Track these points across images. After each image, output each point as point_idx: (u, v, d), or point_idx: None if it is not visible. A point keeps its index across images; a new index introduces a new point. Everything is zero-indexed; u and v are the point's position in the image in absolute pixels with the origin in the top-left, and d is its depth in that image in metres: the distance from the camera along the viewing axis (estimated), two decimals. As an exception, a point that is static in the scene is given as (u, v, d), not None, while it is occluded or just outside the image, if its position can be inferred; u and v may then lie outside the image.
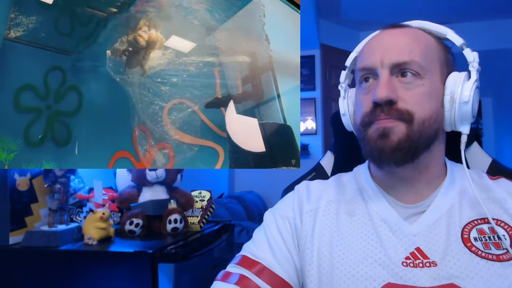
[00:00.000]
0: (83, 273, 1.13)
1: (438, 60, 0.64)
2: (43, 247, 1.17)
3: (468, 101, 0.62)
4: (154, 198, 1.46)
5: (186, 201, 1.53)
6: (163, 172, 1.47)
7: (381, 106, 0.61)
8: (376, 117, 0.61)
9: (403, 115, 0.60)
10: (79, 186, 1.50)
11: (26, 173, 1.25)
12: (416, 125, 0.60)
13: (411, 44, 0.63)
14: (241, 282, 0.62)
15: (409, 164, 0.62)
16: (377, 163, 0.64)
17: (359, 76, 0.67)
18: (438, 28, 0.67)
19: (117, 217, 1.49)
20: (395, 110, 0.60)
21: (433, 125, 0.62)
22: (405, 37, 0.64)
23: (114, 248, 1.19)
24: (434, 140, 0.64)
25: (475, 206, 0.62)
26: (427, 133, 0.61)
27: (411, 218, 0.63)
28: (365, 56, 0.66)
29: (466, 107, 0.62)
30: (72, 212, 1.42)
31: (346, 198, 0.69)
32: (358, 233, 0.63)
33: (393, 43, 0.64)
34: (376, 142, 0.61)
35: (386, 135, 0.60)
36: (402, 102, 0.60)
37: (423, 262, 0.58)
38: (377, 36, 0.68)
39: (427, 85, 0.62)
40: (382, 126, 0.61)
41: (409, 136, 0.60)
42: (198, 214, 1.56)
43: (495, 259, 0.56)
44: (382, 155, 0.61)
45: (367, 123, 0.63)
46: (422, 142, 0.61)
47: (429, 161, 0.64)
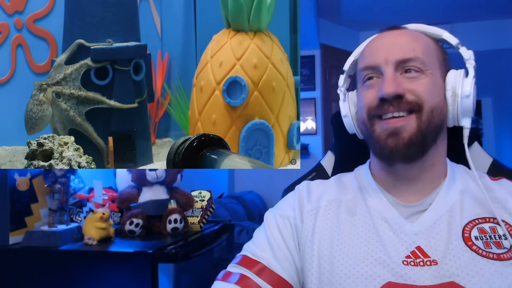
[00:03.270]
0: (83, 273, 1.13)
1: (437, 59, 0.66)
2: (43, 247, 1.17)
3: (469, 95, 0.64)
4: (154, 198, 1.46)
5: (186, 201, 1.53)
6: (163, 172, 1.47)
7: (389, 101, 0.62)
8: (385, 111, 0.62)
9: (413, 106, 0.61)
10: (79, 186, 1.50)
11: (26, 173, 1.25)
12: (425, 114, 0.61)
13: (412, 43, 0.64)
14: (241, 282, 0.62)
15: (418, 160, 0.63)
16: (387, 161, 0.65)
17: (361, 76, 0.68)
18: (434, 29, 0.69)
19: (117, 217, 1.49)
20: (404, 103, 0.61)
21: (440, 115, 0.63)
22: (406, 36, 0.66)
23: (114, 248, 1.19)
24: (440, 133, 0.65)
25: (476, 206, 0.62)
26: (435, 123, 0.63)
27: (412, 217, 0.63)
28: (367, 56, 0.67)
29: (467, 101, 0.64)
30: (72, 212, 1.42)
31: (346, 198, 0.69)
32: (359, 232, 0.63)
33: (395, 42, 0.65)
34: (386, 140, 0.62)
35: (398, 133, 0.61)
36: (410, 94, 0.62)
37: (423, 261, 0.58)
38: (378, 37, 0.69)
39: (430, 79, 0.63)
40: (393, 126, 0.62)
41: (419, 128, 0.61)
42: (198, 214, 1.56)
43: (496, 258, 0.56)
44: (393, 152, 0.62)
45: (373, 116, 0.64)
46: (430, 134, 0.62)
47: (435, 157, 0.65)
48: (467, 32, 3.69)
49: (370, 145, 0.67)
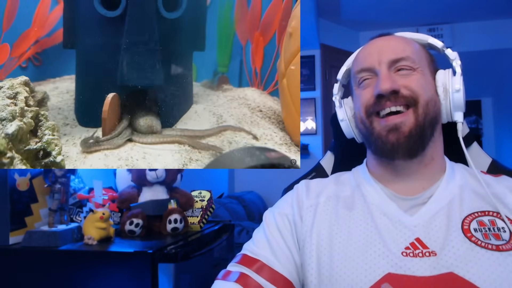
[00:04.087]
0: (83, 273, 1.13)
1: (425, 59, 0.70)
2: (43, 247, 1.17)
3: (459, 90, 0.68)
4: (154, 198, 1.46)
5: (186, 201, 1.53)
6: (163, 172, 1.47)
7: (386, 97, 0.65)
8: (382, 106, 0.65)
9: (409, 100, 0.64)
10: (79, 186, 1.50)
11: (26, 173, 1.25)
12: (421, 107, 0.65)
13: (403, 45, 0.69)
14: (241, 280, 0.63)
15: (418, 155, 0.65)
16: (389, 157, 0.66)
17: (357, 79, 0.71)
18: (419, 35, 0.75)
19: (117, 217, 1.49)
20: (401, 97, 0.64)
21: (434, 108, 0.67)
22: (396, 40, 0.71)
23: (114, 248, 1.19)
24: (436, 126, 0.68)
25: (476, 199, 0.63)
26: (430, 115, 0.66)
27: (411, 210, 0.64)
28: (361, 60, 0.71)
29: (458, 95, 0.68)
30: (72, 212, 1.42)
31: (345, 194, 0.70)
32: (358, 226, 0.64)
33: (387, 45, 0.70)
34: (387, 136, 0.64)
35: (397, 129, 0.64)
36: (405, 89, 0.65)
37: (422, 252, 0.58)
38: (370, 43, 0.73)
39: (421, 75, 0.67)
40: (392, 122, 0.64)
41: (417, 121, 0.64)
42: (198, 214, 1.56)
43: (495, 249, 0.57)
44: (395, 147, 0.64)
45: (371, 113, 0.67)
46: (428, 126, 0.65)
47: (433, 152, 0.67)
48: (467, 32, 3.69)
49: (370, 142, 0.69)
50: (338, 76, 0.80)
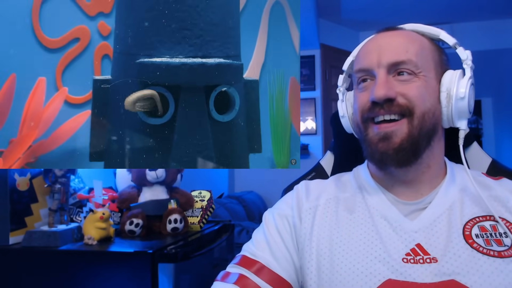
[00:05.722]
0: (83, 273, 1.13)
1: (432, 60, 0.66)
2: (43, 247, 1.17)
3: (464, 97, 0.64)
4: (154, 198, 1.46)
5: (186, 201, 1.53)
6: (163, 172, 1.47)
7: (380, 104, 0.62)
8: (376, 113, 0.63)
9: (404, 109, 0.61)
10: (79, 186, 1.50)
11: (26, 173, 1.25)
12: (417, 119, 0.61)
13: (406, 45, 0.64)
14: (240, 282, 0.62)
15: (412, 165, 0.63)
16: (379, 165, 0.65)
17: (356, 78, 0.69)
18: (431, 29, 0.69)
19: (117, 217, 1.49)
20: (396, 106, 0.61)
21: (432, 119, 0.63)
22: (400, 38, 0.66)
23: (114, 248, 1.19)
24: (434, 136, 0.65)
25: (477, 204, 0.62)
26: (427, 127, 0.62)
27: (411, 214, 0.63)
28: (361, 58, 0.68)
29: (462, 103, 0.64)
30: (72, 212, 1.42)
31: (345, 196, 0.69)
32: (358, 229, 0.64)
33: (388, 44, 0.65)
34: (377, 144, 0.63)
35: (388, 138, 0.62)
36: (401, 97, 0.62)
37: (423, 258, 0.58)
38: (372, 38, 0.70)
39: (423, 82, 0.63)
40: (384, 131, 0.62)
41: (410, 133, 0.61)
42: (198, 214, 1.56)
43: (497, 255, 0.56)
44: (384, 157, 0.62)
45: (366, 119, 0.65)
46: (422, 138, 0.62)
47: (430, 160, 0.65)
48: (467, 32, 3.69)
49: (363, 148, 0.67)
50: (344, 67, 0.76)
